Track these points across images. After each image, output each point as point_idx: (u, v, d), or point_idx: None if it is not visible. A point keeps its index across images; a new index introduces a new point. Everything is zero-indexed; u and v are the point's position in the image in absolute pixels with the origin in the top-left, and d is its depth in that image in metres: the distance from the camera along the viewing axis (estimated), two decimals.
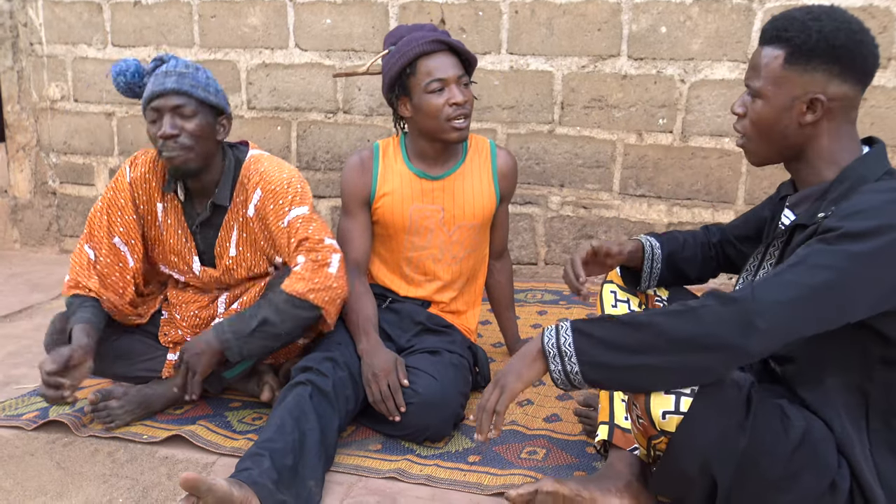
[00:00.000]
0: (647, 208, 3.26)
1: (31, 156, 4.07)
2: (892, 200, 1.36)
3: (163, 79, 2.03)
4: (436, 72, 2.09)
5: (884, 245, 1.31)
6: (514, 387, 1.46)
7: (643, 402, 1.41)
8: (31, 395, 2.35)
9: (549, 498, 1.59)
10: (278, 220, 2.10)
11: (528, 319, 2.93)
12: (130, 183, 2.18)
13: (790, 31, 1.44)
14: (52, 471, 1.93)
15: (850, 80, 1.43)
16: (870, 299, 1.34)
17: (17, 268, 3.83)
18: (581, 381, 1.40)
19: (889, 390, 1.43)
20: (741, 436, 1.37)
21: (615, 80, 3.18)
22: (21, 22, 3.91)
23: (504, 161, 2.32)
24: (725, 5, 3.00)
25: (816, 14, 1.44)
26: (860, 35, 1.43)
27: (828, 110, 1.44)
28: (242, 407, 2.24)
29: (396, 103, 2.19)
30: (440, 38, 2.11)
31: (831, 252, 1.34)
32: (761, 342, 1.32)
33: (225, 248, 2.20)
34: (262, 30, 3.56)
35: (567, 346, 1.41)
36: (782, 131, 1.48)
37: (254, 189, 2.13)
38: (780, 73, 1.45)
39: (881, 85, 2.90)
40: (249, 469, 1.68)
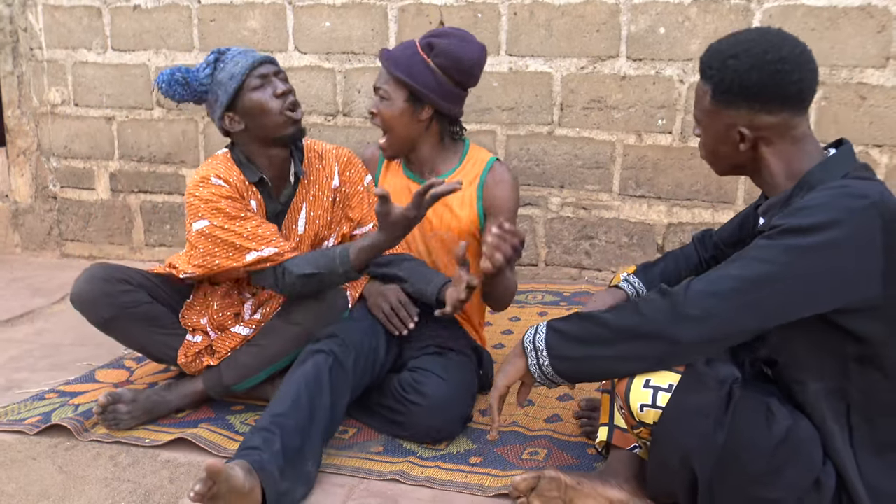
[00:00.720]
0: (647, 209, 3.26)
1: (32, 160, 4.08)
2: (838, 195, 1.37)
3: (248, 54, 2.09)
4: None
5: (827, 240, 1.34)
6: (498, 382, 1.60)
7: (623, 394, 1.49)
8: (33, 399, 2.35)
9: (552, 483, 1.63)
10: (357, 185, 2.29)
11: (528, 320, 2.93)
12: (233, 189, 2.10)
13: (711, 70, 1.49)
14: (55, 475, 1.94)
15: (777, 110, 1.45)
16: (817, 294, 1.37)
17: (18, 272, 3.83)
18: (553, 374, 1.52)
19: (868, 390, 1.45)
20: (719, 431, 1.40)
21: (614, 80, 3.18)
22: (21, 27, 3.91)
23: (494, 175, 2.19)
24: (724, 6, 3.00)
25: (735, 51, 1.46)
26: (778, 66, 1.43)
27: (761, 138, 1.48)
28: (245, 410, 2.24)
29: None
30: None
31: (770, 247, 1.38)
32: (692, 332, 1.40)
33: (292, 228, 2.22)
34: (262, 33, 3.57)
35: (540, 342, 1.53)
36: (726, 155, 1.54)
37: (332, 164, 2.27)
38: (709, 107, 1.51)
39: (880, 84, 2.90)
40: (260, 451, 1.72)
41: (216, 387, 2.20)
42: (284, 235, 2.21)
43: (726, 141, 1.51)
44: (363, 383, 2.04)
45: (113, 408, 2.10)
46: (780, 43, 1.45)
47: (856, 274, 1.35)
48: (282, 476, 1.72)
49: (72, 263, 4.00)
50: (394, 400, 2.06)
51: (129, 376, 2.50)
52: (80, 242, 4.08)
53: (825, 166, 1.47)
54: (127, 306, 2.16)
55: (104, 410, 2.09)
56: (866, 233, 1.34)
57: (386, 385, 2.11)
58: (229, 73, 2.07)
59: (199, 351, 2.21)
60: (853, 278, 1.35)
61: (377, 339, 2.09)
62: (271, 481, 1.69)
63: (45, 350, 2.78)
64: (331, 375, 1.91)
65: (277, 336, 2.14)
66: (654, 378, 1.46)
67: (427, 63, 2.10)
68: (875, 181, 1.44)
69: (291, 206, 2.22)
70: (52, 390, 2.41)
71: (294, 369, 1.95)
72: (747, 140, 1.48)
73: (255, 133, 2.11)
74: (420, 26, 3.34)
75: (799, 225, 1.36)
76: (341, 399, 1.94)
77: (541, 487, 1.63)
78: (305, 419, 1.83)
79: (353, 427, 2.14)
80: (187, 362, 2.20)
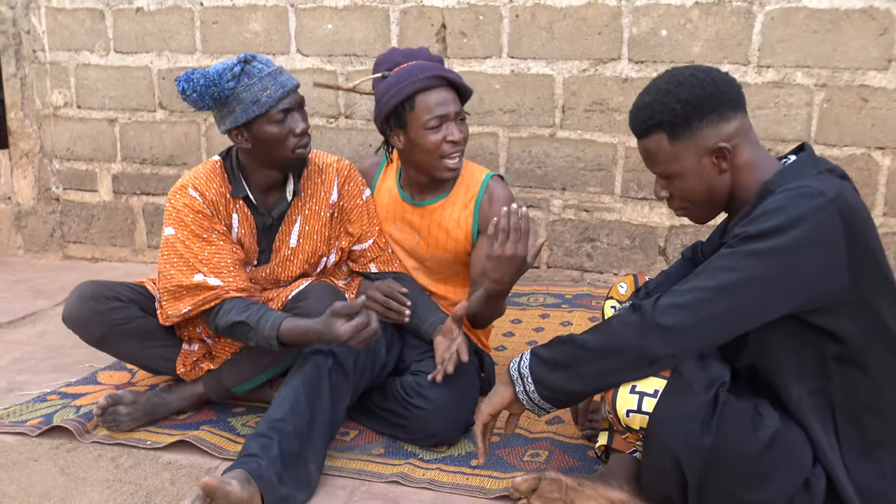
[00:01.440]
0: (648, 211, 3.26)
1: (35, 162, 4.09)
2: (794, 196, 1.39)
3: (277, 77, 2.02)
4: (436, 109, 2.03)
5: (787, 241, 1.36)
6: (482, 409, 1.62)
7: (610, 399, 1.50)
8: (35, 401, 2.35)
9: (553, 485, 1.64)
10: (356, 199, 2.25)
11: (530, 323, 2.93)
12: (208, 204, 2.09)
13: (656, 116, 1.50)
14: (56, 476, 1.94)
15: (730, 114, 1.49)
16: (784, 296, 1.39)
17: (20, 274, 3.84)
18: (540, 400, 1.54)
19: (849, 390, 1.46)
20: (706, 434, 1.42)
21: (616, 83, 3.18)
22: (24, 29, 3.92)
23: (490, 194, 2.17)
24: (725, 8, 3.00)
25: (665, 89, 1.50)
26: (711, 76, 1.49)
27: (735, 146, 1.49)
28: (246, 412, 2.24)
29: (389, 134, 2.13)
30: (439, 73, 2.06)
31: (733, 255, 1.41)
32: (663, 344, 1.42)
33: (284, 241, 2.20)
34: (264, 35, 3.58)
35: (524, 369, 1.55)
36: (711, 188, 1.53)
37: (332, 177, 2.23)
38: (672, 151, 1.51)
39: (882, 87, 2.90)
40: (258, 458, 1.72)
41: (216, 389, 2.20)
42: (276, 248, 2.19)
43: (703, 174, 1.51)
44: (364, 382, 2.04)
45: (113, 409, 2.10)
46: (693, 67, 1.52)
47: (819, 271, 1.37)
48: (280, 482, 1.72)
49: (74, 265, 4.00)
50: (396, 403, 2.06)
51: (130, 378, 2.50)
52: (83, 244, 4.09)
53: (783, 174, 1.48)
54: (118, 323, 2.14)
55: (104, 412, 2.09)
56: (826, 229, 1.36)
57: (388, 388, 2.11)
58: (254, 96, 1.98)
59: (197, 359, 2.22)
60: (817, 275, 1.37)
61: (380, 339, 2.08)
62: (270, 488, 1.68)
63: (47, 352, 2.78)
64: (330, 377, 1.91)
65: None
66: (640, 384, 1.47)
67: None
68: (833, 179, 1.44)
69: (285, 219, 2.19)
70: (53, 392, 2.42)
71: (293, 372, 1.95)
72: (726, 156, 1.48)
73: (258, 155, 2.08)
74: (422, 29, 3.35)
75: (759, 230, 1.38)
76: (342, 400, 1.94)
77: (542, 489, 1.64)
78: (305, 422, 1.83)
79: (354, 429, 2.14)
80: (186, 371, 2.20)
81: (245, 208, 2.15)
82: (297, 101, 2.06)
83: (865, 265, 1.40)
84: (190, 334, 2.23)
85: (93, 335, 2.17)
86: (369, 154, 3.52)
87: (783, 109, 3.03)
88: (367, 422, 2.14)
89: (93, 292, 2.15)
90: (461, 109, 2.09)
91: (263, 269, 2.21)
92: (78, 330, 2.18)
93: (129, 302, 2.18)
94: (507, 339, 2.79)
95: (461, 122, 2.09)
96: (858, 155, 2.99)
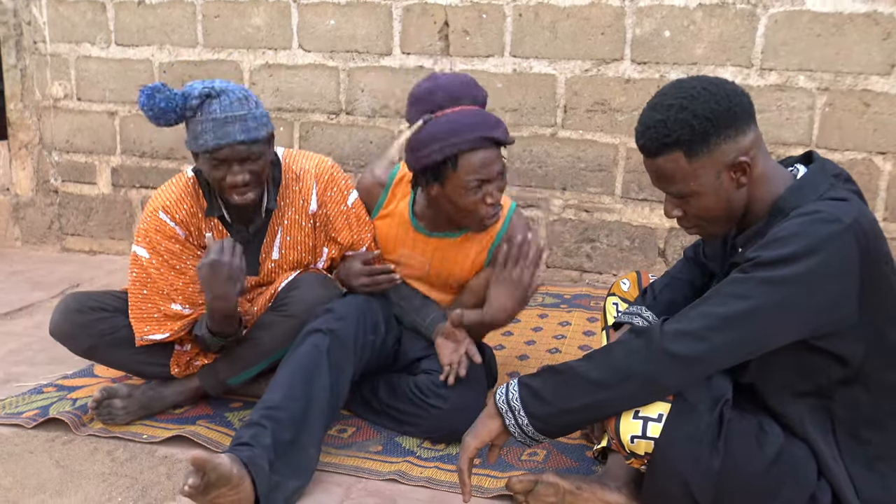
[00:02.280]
0: (649, 212, 3.26)
1: (34, 154, 4.07)
2: (810, 222, 1.35)
3: (225, 127, 1.91)
4: (480, 171, 1.92)
5: (802, 270, 1.32)
6: (467, 444, 1.51)
7: (613, 427, 1.45)
8: (32, 392, 2.34)
9: (549, 489, 1.61)
10: (340, 205, 2.17)
11: (528, 323, 2.92)
12: (178, 225, 2.08)
13: (672, 135, 1.41)
14: (52, 469, 1.93)
15: (745, 126, 1.43)
16: (796, 325, 1.36)
17: (18, 266, 3.82)
18: (534, 433, 1.47)
19: (850, 406, 1.44)
20: (715, 456, 1.39)
21: (618, 83, 3.18)
22: (25, 20, 3.91)
23: (510, 236, 2.07)
24: (729, 10, 3.00)
25: (679, 105, 1.41)
26: (723, 88, 1.42)
27: (752, 158, 1.43)
28: (243, 407, 2.24)
29: (424, 183, 2.00)
30: (488, 134, 1.91)
31: (746, 280, 1.36)
32: (673, 373, 1.38)
33: (269, 253, 2.18)
34: (266, 30, 3.57)
35: (515, 402, 1.47)
36: (730, 204, 1.47)
37: (310, 185, 2.15)
38: (690, 169, 1.43)
39: (885, 92, 2.90)
40: (250, 447, 1.71)
41: (212, 382, 2.19)
42: (261, 261, 2.18)
43: (721, 190, 1.45)
44: (366, 357, 2.01)
45: (108, 403, 2.09)
46: (698, 79, 1.45)
47: (832, 299, 1.34)
48: (272, 470, 1.71)
49: (72, 258, 3.99)
50: (411, 403, 2.04)
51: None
52: (81, 237, 4.08)
53: (797, 191, 1.44)
54: (105, 333, 2.13)
55: (99, 406, 2.08)
56: (842, 258, 1.33)
57: (398, 387, 2.09)
58: (196, 134, 1.93)
59: (191, 357, 2.21)
60: (830, 304, 1.34)
61: (377, 313, 2.07)
62: (262, 475, 1.68)
63: (44, 344, 2.77)
64: (329, 355, 1.89)
65: (272, 329, 2.11)
66: (643, 409, 1.43)
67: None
68: (849, 201, 1.40)
69: (268, 231, 2.15)
70: (50, 384, 2.41)
71: (290, 353, 1.92)
72: (744, 169, 1.43)
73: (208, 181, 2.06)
74: (424, 26, 3.34)
75: (773, 257, 1.34)
76: (343, 377, 1.91)
77: (538, 492, 1.62)
78: (301, 408, 1.80)
79: (352, 426, 2.13)
80: (181, 370, 2.20)
81: (220, 226, 2.13)
82: (236, 155, 1.93)
83: (877, 288, 1.37)
84: (182, 337, 2.21)
85: (81, 347, 2.17)
86: (371, 152, 3.52)
87: (785, 113, 3.03)
88: (374, 418, 2.14)
89: (77, 305, 2.15)
90: (503, 167, 1.97)
91: (251, 281, 2.20)
92: (66, 343, 2.18)
93: (115, 311, 2.16)
94: (506, 338, 2.78)
95: (502, 178, 1.98)
96: (860, 159, 2.99)
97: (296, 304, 2.08)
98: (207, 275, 1.93)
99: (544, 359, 2.58)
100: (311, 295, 2.08)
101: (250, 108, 1.95)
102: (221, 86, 1.95)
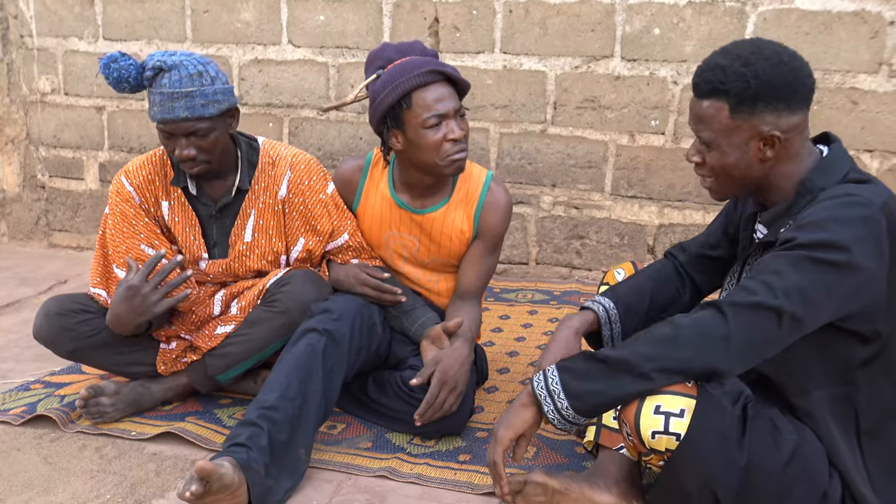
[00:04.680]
0: (638, 209, 3.27)
1: (21, 149, 4.04)
2: (846, 205, 1.37)
3: (170, 102, 1.97)
4: (435, 106, 1.94)
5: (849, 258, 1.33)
6: (502, 435, 1.48)
7: (632, 421, 1.42)
8: (19, 389, 2.33)
9: (538, 489, 1.61)
10: (318, 194, 2.17)
11: (518, 319, 2.93)
12: (135, 190, 2.14)
13: (727, 84, 1.43)
14: (39, 466, 1.92)
15: (797, 108, 1.44)
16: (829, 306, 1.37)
17: (4, 261, 3.80)
18: (574, 416, 1.43)
19: (873, 394, 1.44)
20: (741, 453, 1.38)
21: (608, 80, 3.18)
22: (11, 14, 3.88)
23: (492, 200, 2.14)
24: (718, 7, 3.01)
25: (746, 58, 1.42)
26: (795, 63, 1.42)
27: (787, 140, 1.45)
28: (232, 404, 2.23)
29: (387, 135, 2.03)
30: (437, 68, 1.96)
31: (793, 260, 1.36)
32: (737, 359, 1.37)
33: (240, 235, 2.18)
34: (255, 25, 3.55)
35: (555, 385, 1.44)
36: (745, 171, 1.49)
37: (283, 171, 2.16)
38: (728, 123, 1.45)
39: (872, 90, 2.91)
40: (247, 448, 1.72)
41: (201, 378, 2.18)
42: (232, 243, 2.18)
43: (745, 156, 1.47)
44: (361, 359, 2.01)
45: (95, 401, 2.08)
46: (776, 47, 1.45)
47: (866, 282, 1.35)
48: (267, 473, 1.72)
49: (59, 253, 3.97)
50: (397, 399, 2.05)
51: None
52: (68, 232, 4.05)
53: (823, 171, 1.46)
54: (87, 335, 2.13)
55: (87, 404, 2.07)
56: (878, 241, 1.35)
57: (386, 383, 2.09)
58: (149, 105, 2.02)
59: (178, 355, 2.20)
60: (864, 286, 1.36)
61: (373, 315, 2.07)
62: (257, 479, 1.69)
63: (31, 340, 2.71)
64: (324, 356, 1.89)
65: (262, 325, 2.10)
66: (665, 404, 1.40)
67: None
68: (873, 183, 1.44)
69: (241, 213, 2.17)
70: (37, 381, 2.40)
71: (286, 351, 1.92)
72: (776, 144, 1.44)
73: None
74: (414, 22, 3.33)
75: (813, 240, 1.35)
76: (337, 378, 1.92)
77: (526, 491, 1.61)
78: (296, 408, 1.81)
79: (342, 423, 2.13)
80: (167, 368, 2.19)
81: (182, 197, 2.16)
82: (181, 130, 1.99)
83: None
84: (167, 333, 2.21)
85: (65, 350, 2.16)
86: (360, 147, 3.51)
87: None
88: (364, 414, 2.14)
89: (58, 308, 2.15)
90: (460, 105, 2.00)
91: (220, 264, 2.20)
92: (50, 346, 2.18)
93: (97, 313, 2.15)
94: (496, 334, 2.79)
95: (461, 119, 2.00)
96: None
97: (286, 300, 2.07)
98: (121, 294, 1.98)
99: (534, 355, 2.58)
100: (302, 291, 2.07)
101: (202, 85, 1.99)
102: (177, 59, 2.00)
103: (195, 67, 2.00)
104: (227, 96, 2.05)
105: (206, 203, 2.17)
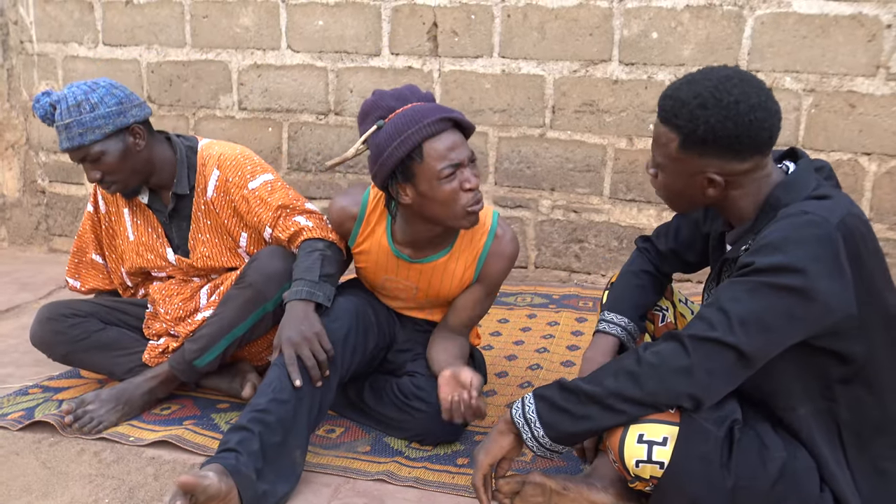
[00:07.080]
0: (636, 213, 3.27)
1: (21, 154, 4.05)
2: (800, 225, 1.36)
3: (60, 134, 2.09)
4: (449, 156, 1.80)
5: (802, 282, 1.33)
6: (481, 461, 1.55)
7: (616, 449, 1.44)
8: (17, 394, 2.33)
9: (536, 489, 1.62)
10: (241, 189, 2.18)
11: (517, 323, 2.93)
12: (103, 198, 2.37)
13: (679, 120, 1.43)
14: (38, 470, 1.92)
15: (748, 157, 1.43)
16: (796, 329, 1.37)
17: (4, 266, 3.80)
18: (551, 444, 1.49)
19: (855, 408, 1.44)
20: (727, 475, 1.39)
21: (606, 84, 3.19)
22: (12, 20, 3.89)
23: (498, 248, 2.02)
24: (716, 12, 3.01)
25: (704, 100, 1.40)
26: (751, 115, 1.39)
27: (731, 182, 1.45)
28: (230, 409, 2.23)
29: (395, 189, 1.87)
30: (446, 115, 1.82)
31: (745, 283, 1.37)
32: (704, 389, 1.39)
33: (197, 238, 2.26)
34: (255, 30, 3.56)
35: (531, 414, 1.49)
36: (692, 198, 1.52)
37: (211, 170, 2.22)
38: (676, 155, 1.47)
39: (870, 93, 2.92)
40: (237, 453, 1.70)
41: (181, 364, 2.15)
42: (192, 247, 2.28)
43: (692, 185, 1.49)
44: (357, 360, 2.00)
45: (82, 410, 2.09)
46: (746, 89, 1.40)
47: (831, 301, 1.34)
48: (259, 477, 1.70)
49: (59, 259, 3.97)
50: (394, 407, 2.04)
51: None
52: (68, 237, 4.06)
53: (787, 189, 1.45)
54: (78, 339, 2.22)
55: (76, 418, 2.08)
56: (834, 259, 1.34)
57: (382, 391, 2.09)
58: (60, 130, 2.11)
59: (164, 350, 2.23)
60: (829, 306, 1.34)
61: (370, 319, 2.06)
62: (247, 484, 1.67)
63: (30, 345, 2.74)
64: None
65: (231, 302, 2.10)
66: (648, 433, 1.41)
67: None
68: (834, 199, 1.41)
69: (192, 216, 2.26)
70: (36, 385, 2.40)
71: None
72: (717, 186, 1.46)
73: None
74: (413, 27, 3.34)
75: (769, 264, 1.34)
76: (332, 379, 1.90)
77: (524, 492, 1.62)
78: (290, 410, 1.80)
79: (340, 426, 2.13)
80: (152, 357, 2.22)
81: (142, 203, 2.28)
82: (75, 158, 2.11)
83: (873, 284, 1.38)
84: (158, 331, 2.26)
85: (58, 354, 2.27)
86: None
87: None
88: (361, 419, 2.13)
89: (50, 313, 2.25)
90: (472, 152, 1.86)
91: (187, 262, 2.30)
92: (44, 351, 2.29)
93: (88, 316, 2.25)
94: (494, 338, 2.79)
95: (473, 165, 1.86)
96: (845, 160, 3.01)
97: (252, 273, 2.09)
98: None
99: (532, 359, 2.58)
100: (268, 264, 2.09)
101: (79, 115, 2.07)
102: (63, 93, 2.10)
103: (74, 98, 2.07)
104: (110, 119, 2.09)
105: (160, 209, 2.28)
